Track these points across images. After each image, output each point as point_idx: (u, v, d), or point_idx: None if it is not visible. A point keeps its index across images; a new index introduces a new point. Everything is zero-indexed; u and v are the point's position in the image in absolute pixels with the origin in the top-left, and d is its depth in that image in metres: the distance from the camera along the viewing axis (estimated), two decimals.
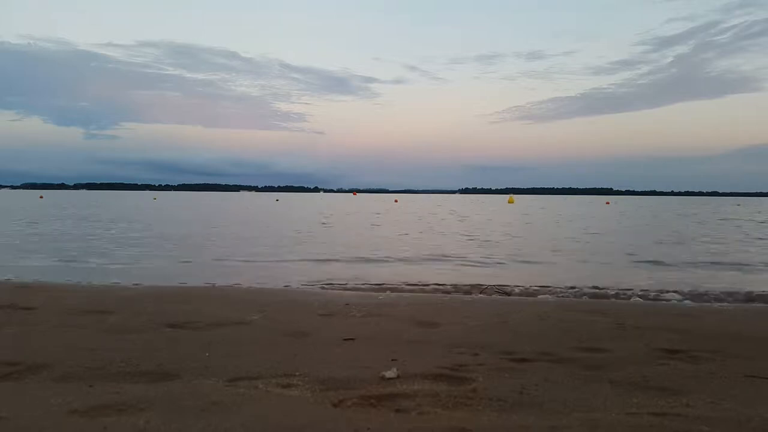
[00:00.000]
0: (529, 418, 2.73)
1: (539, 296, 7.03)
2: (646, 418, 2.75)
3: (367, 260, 11.07)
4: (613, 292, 7.40)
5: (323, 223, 22.55)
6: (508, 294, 7.29)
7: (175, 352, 3.92)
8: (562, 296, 7.15)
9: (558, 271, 9.82)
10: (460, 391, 3.10)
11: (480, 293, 7.25)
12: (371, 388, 3.15)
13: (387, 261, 10.99)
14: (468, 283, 8.06)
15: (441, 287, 7.72)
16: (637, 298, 7.00)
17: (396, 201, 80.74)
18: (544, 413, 2.81)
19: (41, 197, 73.42)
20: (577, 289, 7.57)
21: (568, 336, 4.57)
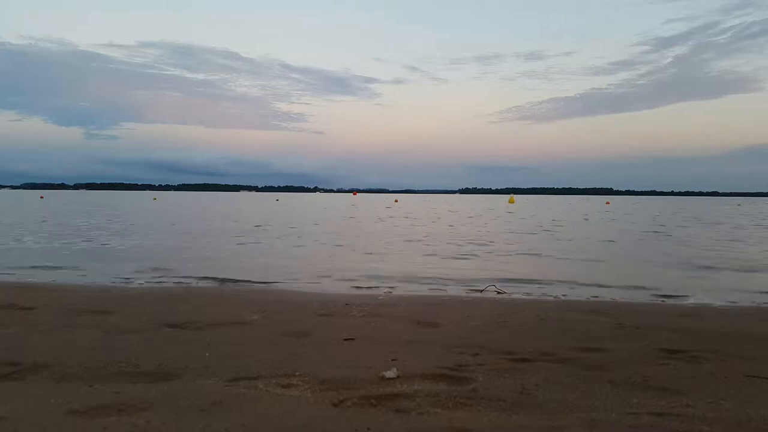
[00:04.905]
0: (529, 418, 2.73)
1: (539, 296, 7.03)
2: (646, 418, 2.75)
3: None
4: None
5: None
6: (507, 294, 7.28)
7: (175, 352, 3.92)
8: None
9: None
10: (460, 391, 3.10)
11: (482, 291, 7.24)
12: (371, 388, 3.15)
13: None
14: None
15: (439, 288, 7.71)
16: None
17: (396, 201, 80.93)
18: (544, 413, 2.81)
19: (41, 197, 73.42)
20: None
21: (568, 336, 4.57)
